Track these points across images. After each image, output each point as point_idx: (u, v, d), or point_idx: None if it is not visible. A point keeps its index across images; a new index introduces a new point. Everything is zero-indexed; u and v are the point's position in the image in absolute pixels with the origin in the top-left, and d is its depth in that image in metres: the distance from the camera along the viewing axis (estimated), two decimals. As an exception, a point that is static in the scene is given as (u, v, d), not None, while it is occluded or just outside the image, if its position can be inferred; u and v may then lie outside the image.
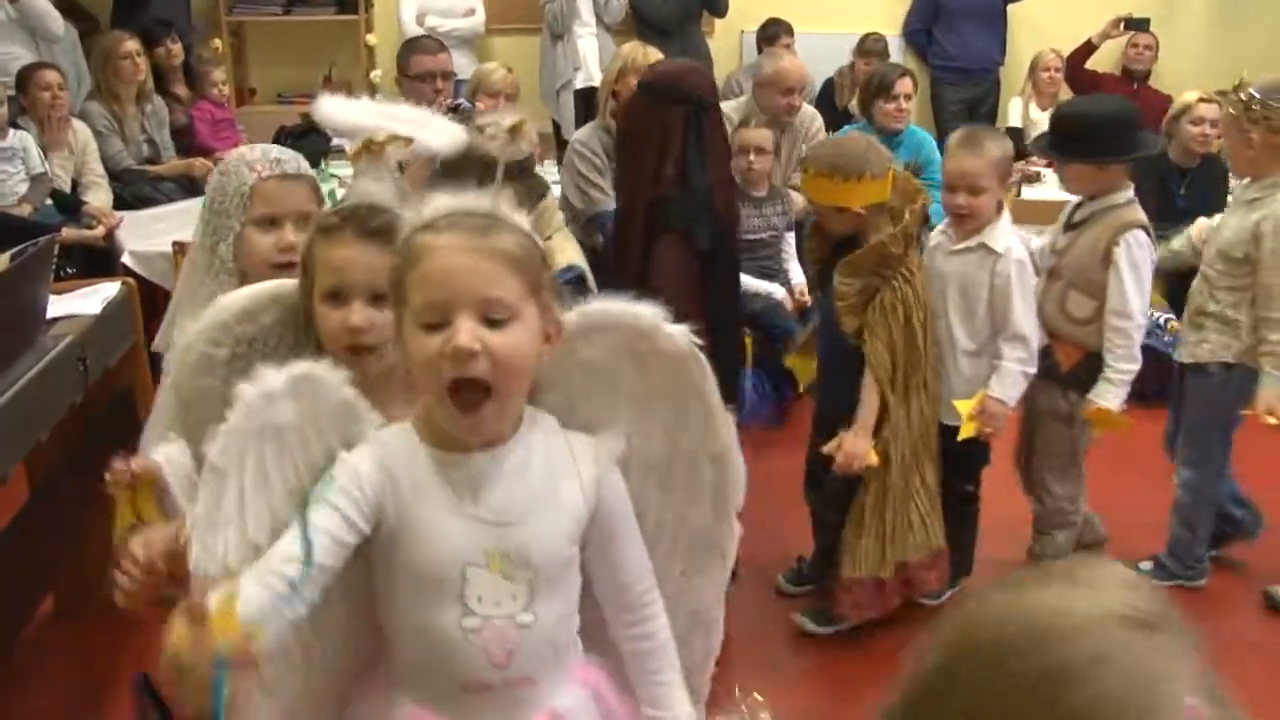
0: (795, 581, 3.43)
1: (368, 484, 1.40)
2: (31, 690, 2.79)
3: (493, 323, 1.36)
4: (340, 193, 5.00)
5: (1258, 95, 3.16)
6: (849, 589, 3.10)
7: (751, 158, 4.35)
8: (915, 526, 3.08)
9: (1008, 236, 3.05)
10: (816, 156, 3.05)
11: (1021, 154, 6.30)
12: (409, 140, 2.42)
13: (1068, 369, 3.14)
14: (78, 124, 5.14)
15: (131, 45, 5.40)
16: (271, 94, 7.37)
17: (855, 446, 2.97)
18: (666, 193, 2.91)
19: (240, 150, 2.07)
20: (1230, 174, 5.04)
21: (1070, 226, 3.22)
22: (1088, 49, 6.85)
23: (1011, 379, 3.03)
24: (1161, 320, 4.76)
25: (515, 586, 1.43)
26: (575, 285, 3.26)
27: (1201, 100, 4.83)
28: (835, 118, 5.98)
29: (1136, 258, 3.06)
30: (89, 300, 3.02)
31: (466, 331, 1.34)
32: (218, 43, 6.77)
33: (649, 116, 2.96)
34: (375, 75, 7.14)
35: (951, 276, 3.10)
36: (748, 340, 3.60)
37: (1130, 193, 3.17)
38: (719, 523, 1.65)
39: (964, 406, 3.06)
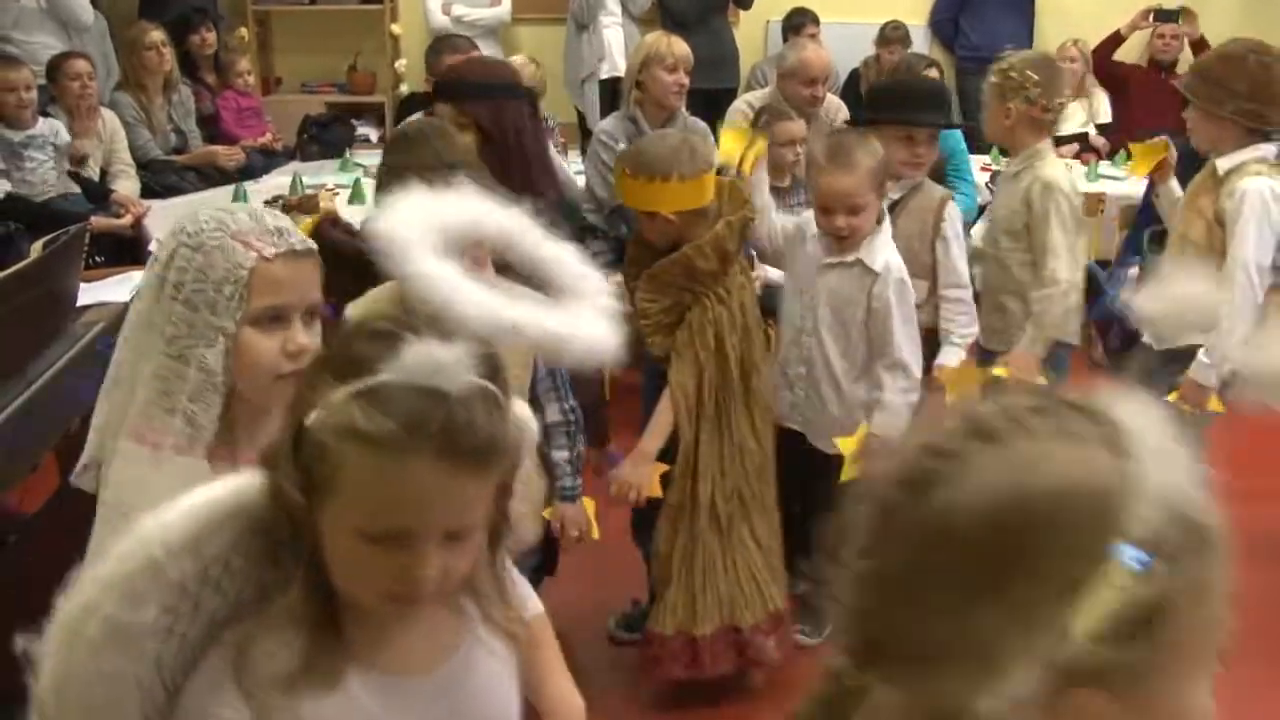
0: (627, 627, 3.09)
1: None
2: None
3: None
4: (366, 184, 5.02)
5: (1016, 65, 3.18)
6: (651, 643, 2.77)
7: (799, 149, 4.34)
8: (745, 585, 2.74)
9: (886, 250, 2.82)
10: (624, 154, 2.76)
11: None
12: None
13: None
14: (106, 113, 5.19)
15: (157, 36, 5.43)
16: (296, 83, 7.41)
17: (633, 475, 2.64)
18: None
19: (215, 215, 1.47)
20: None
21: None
22: (1116, 40, 6.81)
23: (895, 411, 2.75)
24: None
25: None
26: None
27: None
28: (860, 108, 5.97)
29: (958, 226, 3.12)
30: (118, 288, 3.06)
31: None
32: (244, 31, 6.81)
33: (507, 114, 2.61)
34: (400, 65, 7.16)
35: (823, 291, 2.85)
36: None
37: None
38: None
39: (846, 445, 2.76)
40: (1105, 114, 6.55)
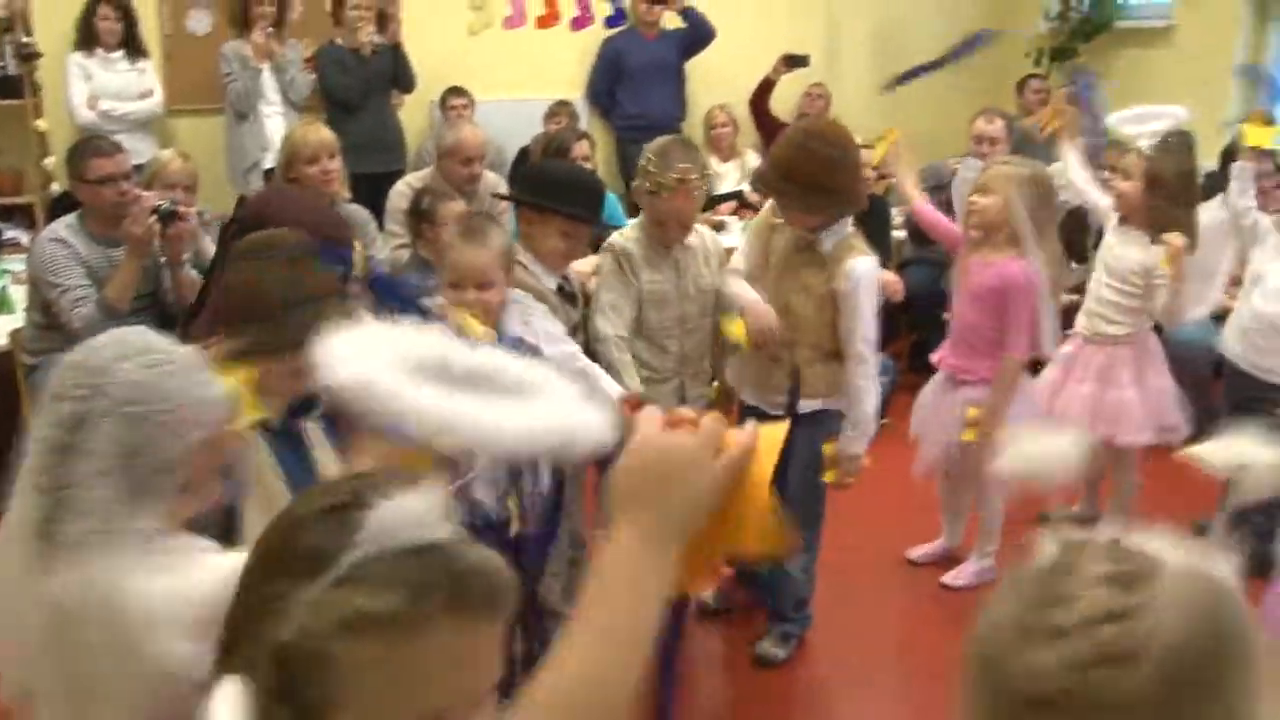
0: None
1: None
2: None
3: None
4: (15, 291, 4.76)
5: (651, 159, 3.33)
6: None
7: None
8: None
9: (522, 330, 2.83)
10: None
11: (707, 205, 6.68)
12: None
13: None
14: None
15: None
16: (-66, 187, 6.91)
17: None
18: None
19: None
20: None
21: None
22: (768, 85, 7.28)
23: None
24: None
25: None
26: None
27: (863, 146, 5.26)
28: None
29: None
30: None
31: None
32: None
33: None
34: (48, 163, 6.79)
35: None
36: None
37: None
38: None
39: None
40: (756, 172, 7.03)
